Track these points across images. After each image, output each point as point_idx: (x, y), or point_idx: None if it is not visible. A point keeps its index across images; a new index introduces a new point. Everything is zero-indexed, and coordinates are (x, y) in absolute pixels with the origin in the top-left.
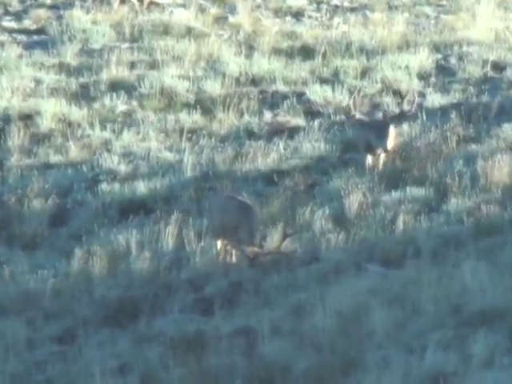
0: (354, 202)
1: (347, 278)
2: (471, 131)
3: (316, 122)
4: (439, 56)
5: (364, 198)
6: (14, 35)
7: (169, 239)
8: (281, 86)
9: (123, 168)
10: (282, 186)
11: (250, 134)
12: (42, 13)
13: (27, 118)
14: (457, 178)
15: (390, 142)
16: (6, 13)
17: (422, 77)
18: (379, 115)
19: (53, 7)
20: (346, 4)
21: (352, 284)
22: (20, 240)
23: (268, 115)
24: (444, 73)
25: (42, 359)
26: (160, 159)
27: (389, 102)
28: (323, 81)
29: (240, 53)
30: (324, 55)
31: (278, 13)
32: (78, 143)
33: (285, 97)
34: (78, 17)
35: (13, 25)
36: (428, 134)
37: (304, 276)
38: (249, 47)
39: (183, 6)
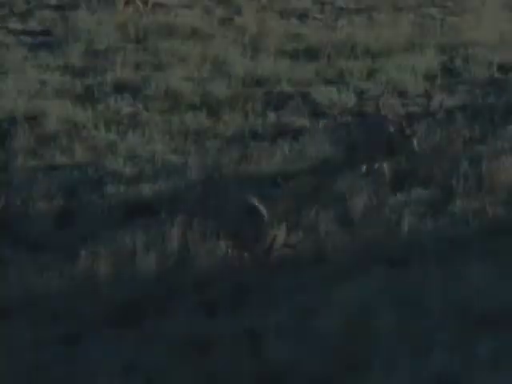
0: (359, 203)
1: (353, 279)
2: (477, 133)
3: (321, 124)
4: (445, 58)
5: (369, 199)
6: (20, 36)
7: (174, 241)
8: (286, 88)
9: (128, 170)
10: (286, 187)
11: (255, 136)
12: (47, 14)
13: (32, 119)
14: (462, 180)
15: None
16: (11, 14)
17: (428, 79)
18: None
19: (58, 8)
20: (351, 5)
21: (358, 285)
22: (25, 241)
23: (272, 116)
24: (449, 74)
25: (48, 360)
26: (165, 161)
27: (394, 103)
28: (328, 82)
29: (245, 54)
30: (329, 57)
31: (283, 14)
32: (83, 145)
33: (289, 98)
34: (82, 18)
35: (18, 26)
36: (434, 136)
37: (310, 277)
38: (254, 49)
39: (188, 6)
